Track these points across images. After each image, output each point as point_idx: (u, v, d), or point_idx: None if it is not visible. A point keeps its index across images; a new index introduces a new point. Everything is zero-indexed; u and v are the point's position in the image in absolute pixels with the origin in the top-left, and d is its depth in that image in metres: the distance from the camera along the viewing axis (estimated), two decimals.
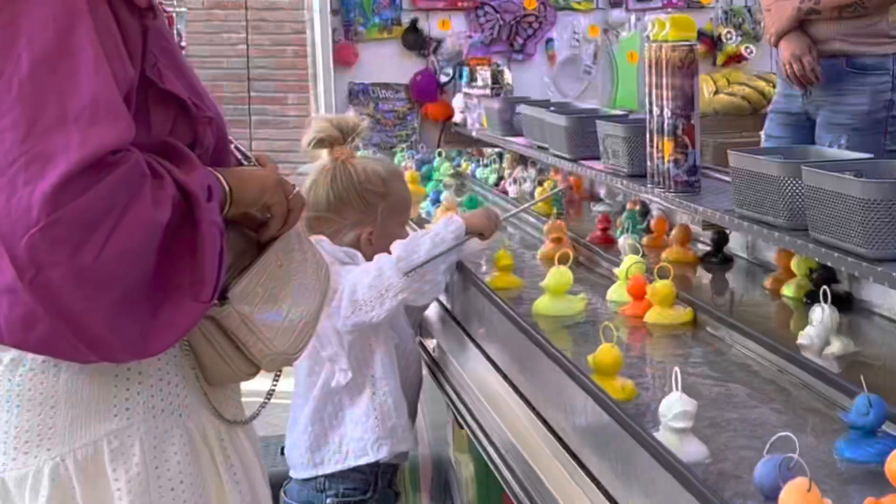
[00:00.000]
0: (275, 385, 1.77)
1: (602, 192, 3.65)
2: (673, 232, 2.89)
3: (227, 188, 1.57)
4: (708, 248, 2.87)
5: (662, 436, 1.63)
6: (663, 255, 2.78)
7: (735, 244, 2.85)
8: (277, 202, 1.66)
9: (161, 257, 1.44)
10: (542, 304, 2.45)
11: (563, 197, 3.61)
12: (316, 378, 2.55)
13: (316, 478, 2.61)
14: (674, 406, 1.65)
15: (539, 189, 3.70)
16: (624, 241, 2.81)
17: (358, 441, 2.52)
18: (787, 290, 2.42)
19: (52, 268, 1.34)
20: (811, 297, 2.30)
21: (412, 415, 2.67)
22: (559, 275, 2.45)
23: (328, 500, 2.60)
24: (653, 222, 3.08)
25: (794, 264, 2.41)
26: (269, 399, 1.74)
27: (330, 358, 2.51)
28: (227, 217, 1.57)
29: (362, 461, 2.52)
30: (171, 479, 1.54)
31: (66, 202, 1.33)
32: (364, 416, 2.51)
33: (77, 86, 1.38)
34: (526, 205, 3.31)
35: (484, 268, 2.99)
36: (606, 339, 1.95)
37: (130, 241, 1.38)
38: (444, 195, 3.82)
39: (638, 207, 3.19)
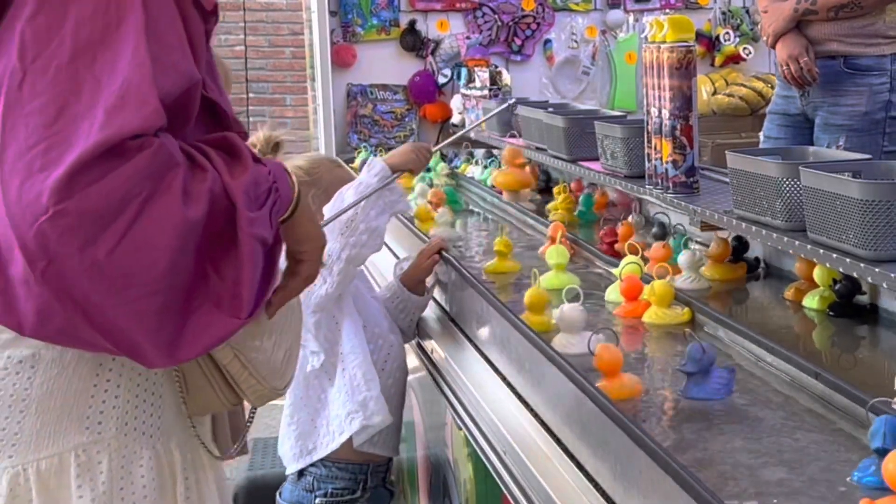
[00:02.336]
0: (253, 413, 1.69)
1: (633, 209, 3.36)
2: (711, 246, 2.73)
3: (296, 189, 1.47)
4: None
5: (565, 339, 2.18)
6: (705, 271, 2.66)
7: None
8: (315, 256, 1.55)
9: (203, 259, 1.34)
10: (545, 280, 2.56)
11: (513, 110, 3.52)
12: None
13: (306, 476, 2.62)
14: (566, 312, 2.20)
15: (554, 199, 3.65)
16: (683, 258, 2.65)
17: (336, 418, 2.53)
18: (810, 302, 2.35)
19: (63, 259, 1.26)
20: (835, 310, 2.28)
21: (397, 406, 2.67)
22: (556, 251, 2.63)
23: (318, 500, 2.61)
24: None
25: (816, 274, 2.34)
26: (248, 426, 1.70)
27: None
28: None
29: (344, 437, 2.53)
30: (135, 502, 1.45)
31: (77, 190, 1.24)
32: (338, 393, 2.53)
33: (114, 76, 1.30)
34: (469, 126, 3.34)
35: (481, 260, 3.00)
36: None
37: (154, 236, 1.28)
38: (432, 188, 3.87)
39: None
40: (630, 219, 3.03)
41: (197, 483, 1.52)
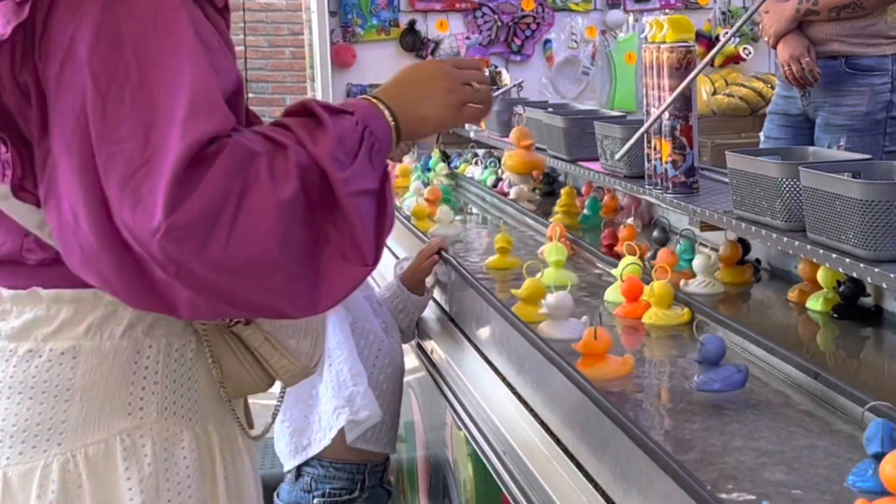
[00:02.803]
0: (280, 401, 1.75)
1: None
2: (721, 250, 2.68)
3: (390, 119, 1.53)
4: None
5: (551, 325, 2.26)
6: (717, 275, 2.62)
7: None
8: (452, 116, 1.63)
9: (319, 222, 1.41)
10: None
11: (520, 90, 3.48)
12: None
13: (303, 477, 2.62)
14: (554, 299, 2.28)
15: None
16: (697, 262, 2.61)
17: (325, 413, 2.54)
18: (814, 304, 2.33)
19: (189, 264, 1.34)
20: (839, 312, 2.26)
21: (391, 402, 2.67)
22: (555, 248, 2.65)
23: (315, 501, 2.61)
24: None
25: (820, 276, 2.32)
26: (278, 407, 1.74)
27: None
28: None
29: (333, 433, 2.53)
30: (179, 482, 1.52)
31: (178, 204, 1.31)
32: (325, 388, 2.53)
33: (181, 86, 1.36)
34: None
35: (480, 260, 3.00)
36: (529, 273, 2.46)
37: (258, 224, 1.35)
38: (428, 187, 3.89)
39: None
40: (629, 221, 3.02)
41: (234, 463, 1.59)
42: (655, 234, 2.93)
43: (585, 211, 3.47)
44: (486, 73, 1.77)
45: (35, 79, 1.41)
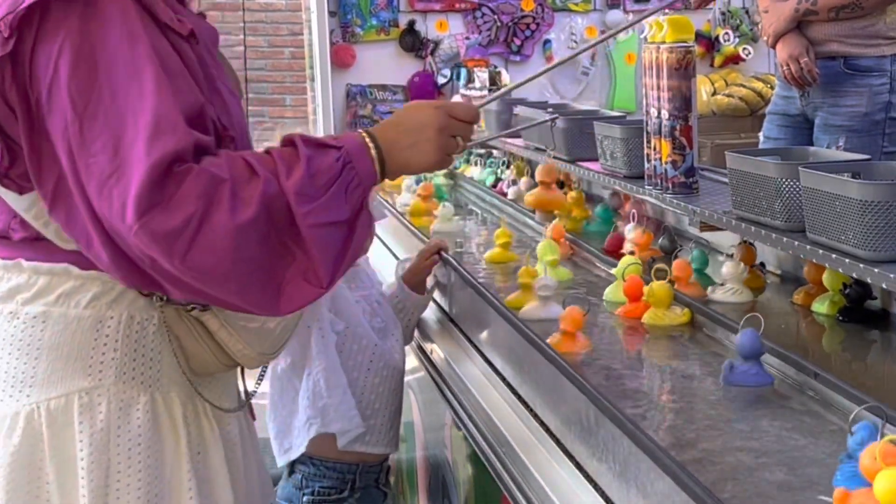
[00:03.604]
0: (258, 384, 1.94)
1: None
2: (735, 255, 2.56)
3: (374, 154, 1.71)
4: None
5: (532, 305, 2.39)
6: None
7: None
8: (437, 157, 1.80)
9: (285, 241, 1.61)
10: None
11: (553, 125, 3.35)
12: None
13: (295, 474, 2.62)
14: (542, 281, 2.41)
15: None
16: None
17: (299, 422, 2.54)
18: (819, 307, 2.29)
19: (158, 262, 1.57)
20: (845, 314, 2.24)
21: (388, 403, 2.66)
22: (548, 246, 2.69)
23: (305, 499, 2.62)
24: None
25: (825, 279, 2.28)
26: (250, 396, 1.92)
27: None
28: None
29: (304, 443, 2.53)
30: (130, 440, 1.69)
31: (144, 213, 1.54)
32: (302, 397, 2.53)
33: (144, 105, 1.57)
34: (506, 132, 3.36)
35: (480, 260, 3.00)
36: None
37: (215, 242, 1.56)
38: (421, 183, 3.89)
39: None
40: (632, 225, 2.94)
41: (200, 432, 1.76)
42: (662, 241, 2.90)
43: (597, 218, 3.37)
44: (475, 128, 1.87)
45: (22, 98, 1.62)
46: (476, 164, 4.49)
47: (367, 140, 1.71)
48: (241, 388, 1.91)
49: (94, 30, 1.60)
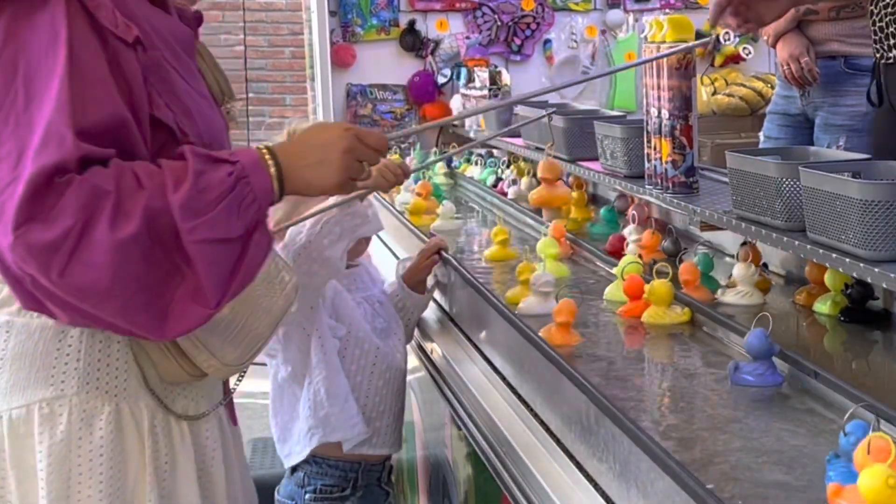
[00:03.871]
0: (236, 385, 1.90)
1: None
2: (740, 255, 2.52)
3: (272, 170, 1.63)
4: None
5: (530, 300, 2.41)
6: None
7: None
8: (342, 186, 1.73)
9: (173, 258, 1.54)
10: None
11: (550, 120, 3.31)
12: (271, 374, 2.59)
13: (298, 472, 2.63)
14: (542, 277, 2.42)
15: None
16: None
17: (299, 431, 2.54)
18: (821, 307, 2.28)
19: (35, 278, 1.52)
20: (847, 315, 2.23)
21: (392, 404, 2.66)
22: (548, 243, 2.72)
23: (307, 496, 2.62)
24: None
25: (827, 279, 2.27)
26: (224, 400, 1.85)
27: (268, 353, 2.52)
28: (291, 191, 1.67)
29: (306, 451, 2.53)
30: (91, 451, 1.66)
31: (21, 225, 1.48)
32: (303, 406, 2.53)
33: (41, 118, 1.52)
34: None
35: (480, 259, 3.00)
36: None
37: (94, 257, 1.50)
38: (419, 182, 3.88)
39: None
40: (630, 227, 2.93)
41: (169, 442, 1.73)
42: (665, 244, 2.87)
43: (601, 219, 3.35)
44: (384, 158, 1.84)
45: None
46: (476, 164, 4.49)
47: (266, 156, 1.64)
48: (221, 389, 1.87)
49: (21, 33, 1.56)
